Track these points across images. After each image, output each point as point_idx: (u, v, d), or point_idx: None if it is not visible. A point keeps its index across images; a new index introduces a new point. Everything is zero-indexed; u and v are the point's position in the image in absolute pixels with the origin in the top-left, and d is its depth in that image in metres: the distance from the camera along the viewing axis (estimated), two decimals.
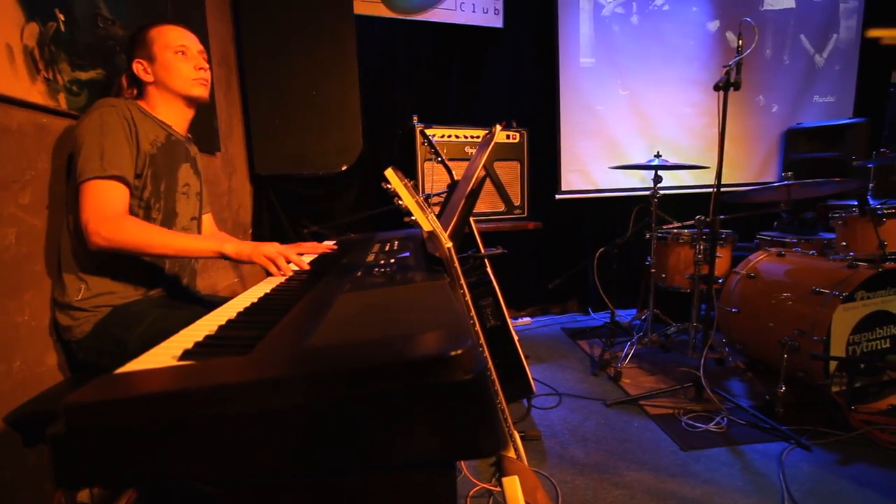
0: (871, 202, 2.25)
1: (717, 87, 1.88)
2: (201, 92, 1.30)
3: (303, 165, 2.54)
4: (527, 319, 3.22)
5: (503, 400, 1.08)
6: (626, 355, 2.39)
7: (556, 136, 3.15)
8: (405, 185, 0.87)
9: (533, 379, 2.28)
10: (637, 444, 1.77)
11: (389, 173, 0.86)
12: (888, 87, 3.44)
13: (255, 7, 2.40)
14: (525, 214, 2.68)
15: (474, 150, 2.55)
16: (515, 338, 1.70)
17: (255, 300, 0.93)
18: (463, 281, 0.88)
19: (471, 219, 1.80)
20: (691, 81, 3.30)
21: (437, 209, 1.76)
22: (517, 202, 2.67)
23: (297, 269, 1.19)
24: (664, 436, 1.81)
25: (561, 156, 3.17)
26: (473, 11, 2.95)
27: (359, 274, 1.00)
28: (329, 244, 1.76)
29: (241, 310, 0.84)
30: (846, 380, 1.83)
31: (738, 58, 1.95)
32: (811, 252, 2.31)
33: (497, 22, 3.01)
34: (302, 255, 1.26)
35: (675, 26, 3.25)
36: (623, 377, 2.29)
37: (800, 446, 1.70)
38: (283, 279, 1.14)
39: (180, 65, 1.26)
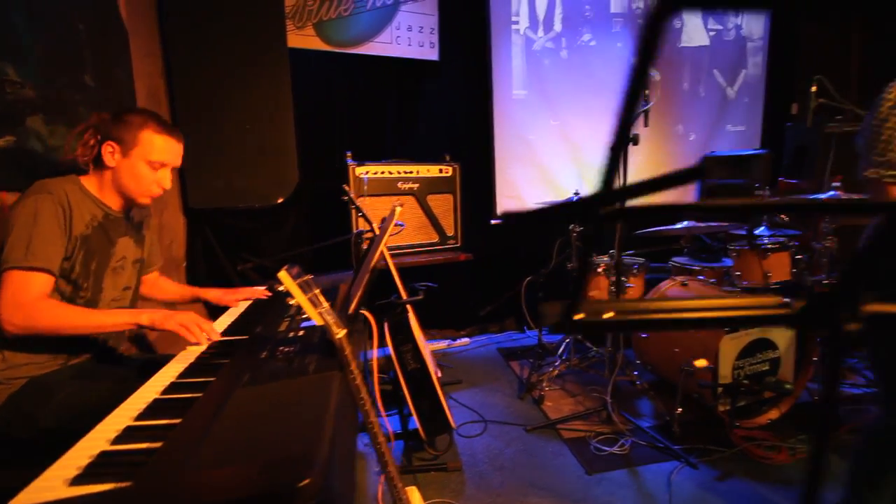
0: (764, 233, 2.53)
1: (635, 142, 2.05)
2: (146, 201, 1.35)
3: (238, 198, 2.57)
4: (465, 340, 3.37)
5: None
6: (550, 378, 2.58)
7: (491, 164, 3.30)
8: (299, 283, 0.96)
9: (463, 405, 2.44)
10: (548, 469, 1.94)
11: (283, 275, 0.95)
12: (788, 119, 3.80)
13: (185, 42, 2.40)
14: (459, 244, 2.82)
15: (408, 187, 2.66)
16: (434, 379, 1.82)
17: (162, 389, 1.01)
18: (353, 366, 0.99)
19: (391, 263, 1.91)
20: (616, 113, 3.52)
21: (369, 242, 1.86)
22: (451, 233, 2.80)
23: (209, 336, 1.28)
24: (573, 460, 1.99)
25: (496, 183, 3.32)
26: (409, 45, 3.05)
27: (263, 355, 1.09)
28: (260, 290, 1.83)
29: (144, 408, 0.92)
30: (731, 401, 2.08)
31: (642, 108, 2.13)
32: (712, 280, 2.56)
33: (433, 55, 3.12)
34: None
35: (602, 60, 3.46)
36: (546, 400, 2.47)
37: (688, 464, 1.92)
38: (197, 351, 1.22)
39: (147, 176, 1.30)
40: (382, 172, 2.58)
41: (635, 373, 2.49)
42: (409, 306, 1.84)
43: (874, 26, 4.02)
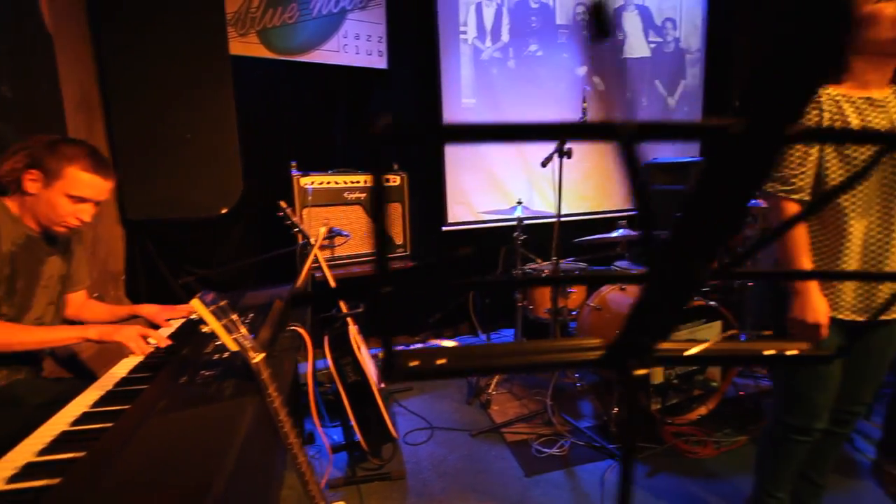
0: None
1: (544, 164, 2.12)
2: (62, 230, 1.32)
3: (179, 209, 2.51)
4: (418, 346, 3.40)
5: None
6: (498, 383, 2.65)
7: (442, 171, 3.35)
8: (213, 310, 0.97)
9: (411, 412, 2.47)
10: (490, 473, 2.00)
11: (195, 303, 0.96)
12: None
13: (119, 46, 2.32)
14: (407, 252, 2.85)
15: (355, 196, 2.67)
16: (375, 390, 1.84)
17: (73, 420, 0.99)
18: (271, 389, 1.00)
19: (330, 276, 1.92)
20: (565, 119, 3.64)
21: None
22: (399, 241, 2.83)
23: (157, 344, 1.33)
24: (514, 463, 2.05)
25: (447, 190, 3.37)
26: (357, 53, 3.05)
27: (183, 380, 1.09)
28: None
29: (50, 441, 0.90)
30: (661, 400, 2.20)
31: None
32: None
33: (381, 63, 3.13)
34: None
35: (549, 70, 3.56)
36: (493, 404, 2.53)
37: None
38: (118, 375, 1.21)
39: (64, 208, 1.28)
40: (328, 182, 2.58)
41: (576, 374, 2.59)
42: (350, 318, 1.86)
43: None
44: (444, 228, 3.38)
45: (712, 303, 2.23)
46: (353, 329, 1.86)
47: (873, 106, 1.18)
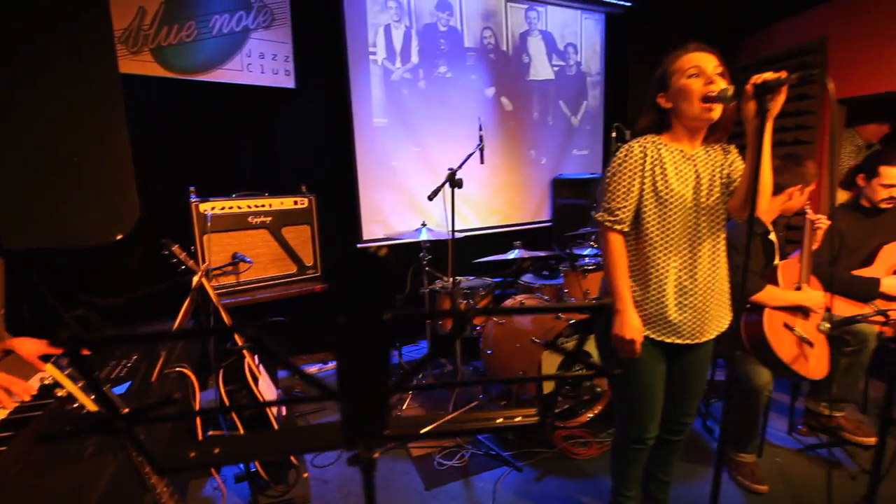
0: (589, 254, 2.93)
1: (430, 198, 2.23)
2: None
3: (67, 237, 2.37)
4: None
5: None
6: (410, 398, 2.75)
7: (355, 190, 3.39)
8: (67, 375, 0.98)
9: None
10: (392, 490, 2.09)
11: (50, 368, 0.97)
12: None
13: None
14: (318, 273, 2.87)
15: (259, 220, 2.66)
16: (272, 419, 1.88)
17: None
18: (133, 448, 1.03)
19: (224, 312, 1.93)
20: (473, 139, 3.80)
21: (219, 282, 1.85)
22: (310, 262, 2.85)
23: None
24: (417, 478, 2.16)
25: (361, 208, 3.42)
26: (262, 72, 3.03)
27: (46, 436, 1.08)
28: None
29: None
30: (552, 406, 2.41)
31: (465, 159, 2.36)
32: (547, 298, 2.91)
33: (289, 83, 3.13)
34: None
35: (458, 91, 3.71)
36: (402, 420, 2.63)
37: (514, 469, 2.20)
38: None
39: None
40: (231, 207, 2.55)
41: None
42: (246, 351, 1.88)
43: None
44: (360, 246, 3.44)
45: None
46: (249, 360, 1.88)
47: (684, 157, 1.39)
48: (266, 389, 1.94)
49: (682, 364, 1.51)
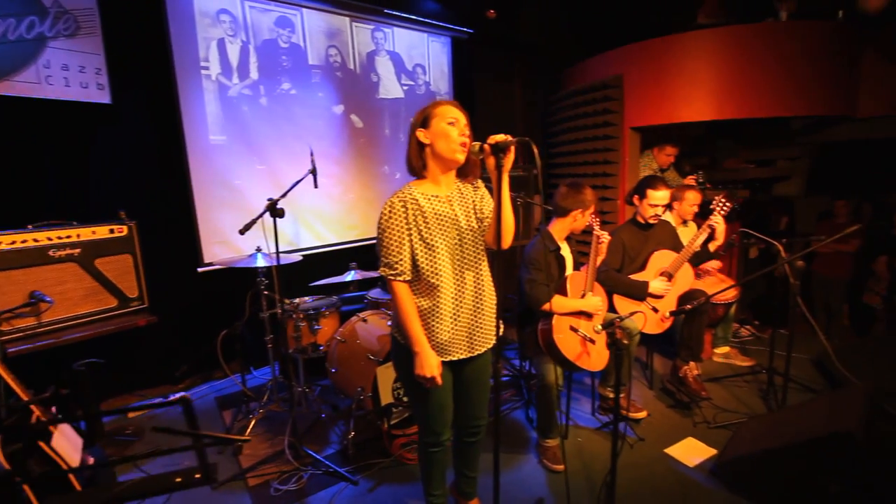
0: None
1: (241, 232, 2.25)
2: None
3: None
4: (182, 395, 3.23)
5: None
6: (255, 424, 2.71)
7: (192, 212, 3.22)
8: None
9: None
10: None
11: None
12: None
13: None
14: (146, 304, 2.69)
15: (65, 253, 2.41)
16: (72, 476, 1.74)
17: None
18: None
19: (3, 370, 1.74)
20: (324, 156, 3.84)
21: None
22: (134, 294, 2.65)
23: None
24: None
25: (199, 231, 3.26)
26: (68, 86, 2.73)
27: None
28: None
29: None
30: (387, 418, 2.56)
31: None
32: (391, 313, 3.05)
33: (103, 98, 2.86)
34: None
35: (305, 109, 3.71)
36: (245, 448, 2.59)
37: (351, 483, 2.30)
38: None
39: None
40: (24, 241, 2.28)
41: (322, 406, 2.81)
42: (36, 407, 1.72)
43: (529, 79, 5.32)
44: (200, 270, 3.27)
45: None
46: (37, 414, 1.72)
47: (440, 201, 1.60)
48: (65, 444, 1.79)
49: (464, 375, 1.74)
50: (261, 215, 2.25)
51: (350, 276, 2.81)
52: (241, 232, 2.21)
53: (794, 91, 3.45)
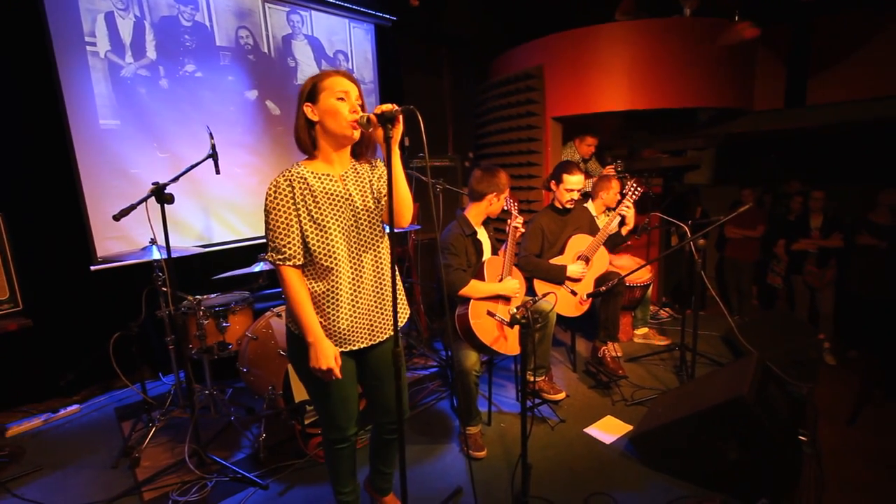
0: None
1: (116, 217, 2.02)
2: None
3: None
4: (74, 408, 2.90)
5: None
6: (156, 433, 2.47)
7: (81, 203, 2.90)
8: None
9: (28, 501, 2.10)
10: None
11: None
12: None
13: None
14: (19, 307, 2.38)
15: None
16: None
17: None
18: None
19: None
20: (237, 144, 3.60)
21: None
22: (3, 296, 2.33)
23: None
24: None
25: (90, 223, 2.94)
26: None
27: None
28: None
29: None
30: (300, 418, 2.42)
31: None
32: None
33: None
34: None
35: (213, 93, 3.45)
36: (143, 460, 2.35)
37: (260, 488, 2.15)
38: None
39: None
40: None
41: (232, 409, 2.62)
42: None
43: (458, 70, 5.30)
44: (94, 268, 2.95)
45: None
46: None
47: (332, 180, 1.51)
48: None
49: (370, 366, 1.65)
50: (143, 200, 2.03)
51: (258, 267, 2.64)
52: (116, 218, 1.98)
53: (699, 84, 3.66)
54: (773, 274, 4.73)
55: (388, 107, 1.32)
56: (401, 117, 1.34)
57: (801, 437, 2.10)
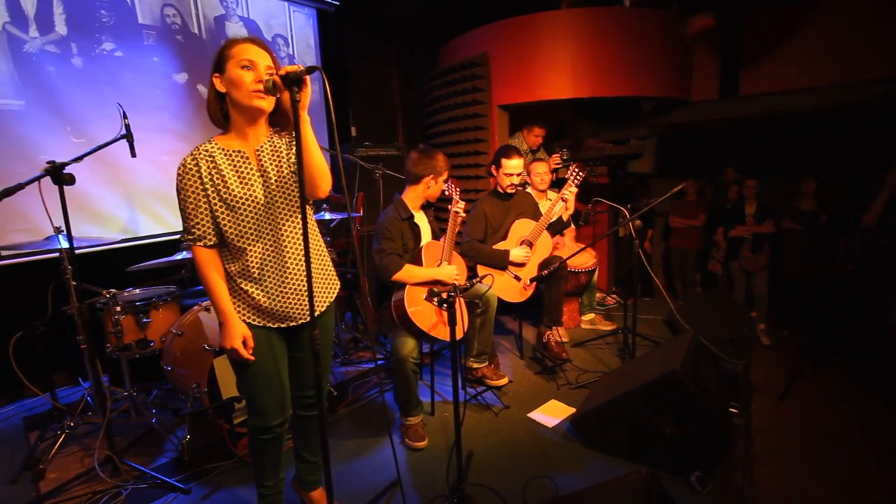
0: None
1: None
2: None
3: None
4: None
5: None
6: (65, 442, 2.25)
7: None
8: None
9: None
10: None
11: None
12: (346, 140, 4.51)
13: None
14: None
15: None
16: None
17: None
18: None
19: None
20: (165, 130, 3.37)
21: None
22: None
23: None
24: None
25: None
26: None
27: None
28: None
29: None
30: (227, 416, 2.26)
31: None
32: None
33: None
34: None
35: (136, 75, 3.21)
36: (49, 472, 2.13)
37: (182, 493, 1.98)
38: None
39: None
40: None
41: (153, 411, 2.44)
42: None
43: (406, 59, 5.21)
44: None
45: None
46: None
47: (244, 157, 1.40)
48: None
49: (298, 342, 1.56)
50: (34, 180, 1.83)
51: (181, 255, 2.45)
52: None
53: (639, 73, 3.72)
54: (713, 261, 4.91)
55: (293, 67, 1.22)
56: (308, 79, 1.24)
57: (731, 409, 2.14)
